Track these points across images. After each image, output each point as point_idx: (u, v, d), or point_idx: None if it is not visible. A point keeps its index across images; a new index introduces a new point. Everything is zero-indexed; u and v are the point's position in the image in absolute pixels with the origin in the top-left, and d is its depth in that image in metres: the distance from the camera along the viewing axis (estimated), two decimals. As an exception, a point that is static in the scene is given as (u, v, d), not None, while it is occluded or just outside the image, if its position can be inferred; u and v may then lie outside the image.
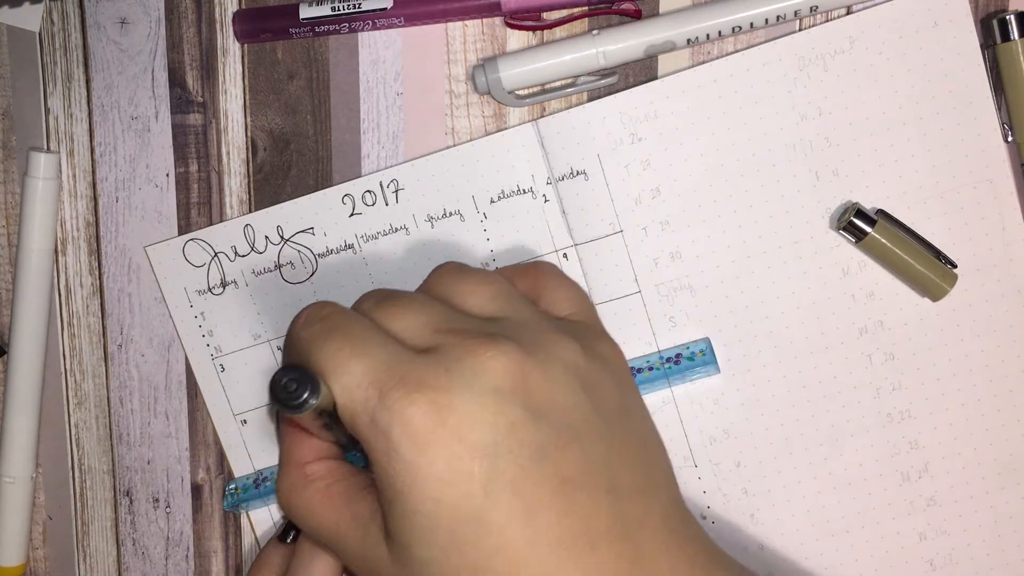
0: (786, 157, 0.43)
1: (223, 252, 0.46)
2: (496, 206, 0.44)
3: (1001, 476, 0.43)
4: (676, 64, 0.43)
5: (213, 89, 0.45)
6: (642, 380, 0.43)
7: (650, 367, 0.43)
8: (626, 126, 0.43)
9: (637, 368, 0.44)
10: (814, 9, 0.41)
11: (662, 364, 0.43)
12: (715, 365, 0.43)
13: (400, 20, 0.43)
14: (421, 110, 0.45)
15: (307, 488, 0.38)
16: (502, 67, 0.43)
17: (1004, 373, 0.43)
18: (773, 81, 0.42)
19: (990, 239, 0.42)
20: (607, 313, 0.44)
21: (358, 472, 0.39)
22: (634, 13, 0.43)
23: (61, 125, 0.46)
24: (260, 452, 0.47)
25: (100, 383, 0.48)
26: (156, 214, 0.46)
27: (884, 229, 0.41)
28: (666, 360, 0.43)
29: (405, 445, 0.31)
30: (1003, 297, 0.43)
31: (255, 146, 0.46)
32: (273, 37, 0.44)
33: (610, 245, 0.44)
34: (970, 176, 0.42)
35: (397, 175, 0.44)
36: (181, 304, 0.46)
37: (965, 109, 0.42)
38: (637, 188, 0.43)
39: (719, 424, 0.44)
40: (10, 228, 0.47)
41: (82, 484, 0.49)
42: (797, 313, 0.43)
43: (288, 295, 0.46)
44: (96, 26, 0.45)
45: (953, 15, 0.41)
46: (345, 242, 0.45)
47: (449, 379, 0.32)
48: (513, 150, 0.44)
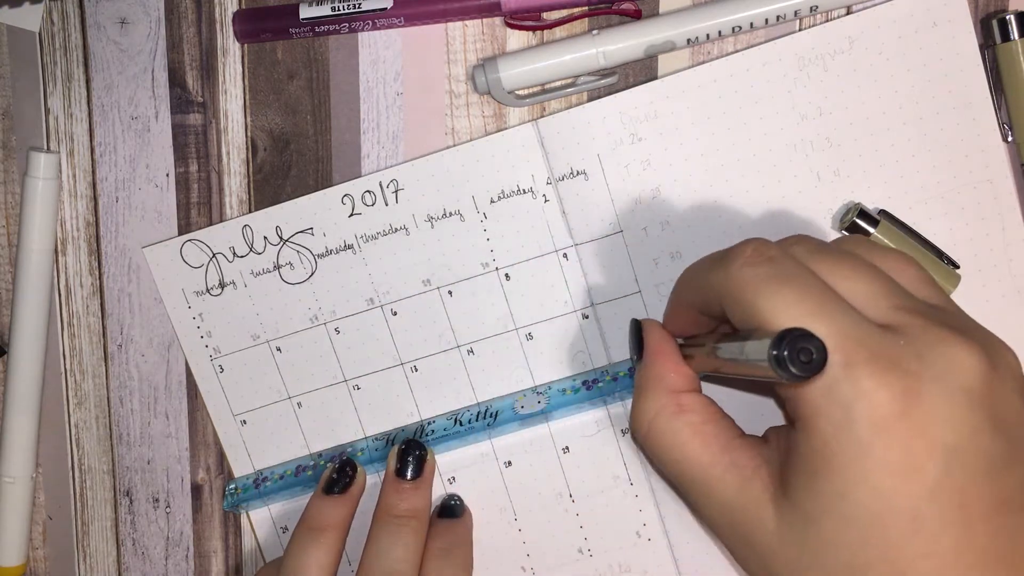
0: (787, 157, 0.43)
1: (221, 253, 0.46)
2: (496, 206, 0.44)
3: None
4: (676, 64, 0.43)
5: (213, 89, 0.45)
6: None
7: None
8: (626, 126, 0.43)
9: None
10: (814, 9, 0.41)
11: None
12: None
13: (400, 20, 0.43)
14: (421, 110, 0.45)
15: (678, 418, 0.36)
16: (502, 67, 0.43)
17: (1004, 373, 0.43)
18: (773, 81, 0.42)
19: (990, 239, 0.42)
20: (607, 314, 0.44)
21: (729, 418, 0.36)
22: (634, 13, 0.43)
23: (61, 125, 0.46)
24: (260, 452, 0.47)
25: (100, 383, 0.48)
26: (156, 214, 0.46)
27: (887, 230, 0.41)
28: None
29: (864, 425, 0.29)
30: (1003, 297, 0.43)
31: (255, 146, 0.46)
32: (273, 37, 0.44)
33: (610, 245, 0.44)
34: (970, 176, 0.42)
35: (397, 175, 0.44)
36: (179, 305, 0.46)
37: (965, 109, 0.42)
38: (637, 188, 0.43)
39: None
40: (10, 228, 0.47)
41: (82, 484, 0.49)
42: (797, 313, 0.43)
43: (287, 296, 0.46)
44: (96, 26, 0.45)
45: (952, 15, 0.41)
46: (344, 242, 0.45)
47: (921, 366, 0.30)
48: (513, 150, 0.44)
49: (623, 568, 0.45)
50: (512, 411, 0.44)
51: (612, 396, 0.44)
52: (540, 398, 0.44)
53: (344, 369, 0.46)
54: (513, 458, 0.46)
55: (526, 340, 0.45)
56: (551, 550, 0.46)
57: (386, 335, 0.45)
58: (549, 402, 0.44)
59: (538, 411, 0.44)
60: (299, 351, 0.46)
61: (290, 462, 0.47)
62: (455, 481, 0.46)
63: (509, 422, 0.44)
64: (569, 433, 0.45)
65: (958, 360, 0.30)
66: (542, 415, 0.44)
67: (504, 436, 0.45)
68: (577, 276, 0.44)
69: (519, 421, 0.44)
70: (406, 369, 0.46)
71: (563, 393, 0.44)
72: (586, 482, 0.45)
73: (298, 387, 0.46)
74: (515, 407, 0.44)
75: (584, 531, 0.45)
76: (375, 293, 0.45)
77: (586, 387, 0.44)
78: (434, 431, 0.45)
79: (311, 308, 0.46)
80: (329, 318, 0.45)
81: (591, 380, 0.44)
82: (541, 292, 0.44)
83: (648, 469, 0.45)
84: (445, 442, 0.45)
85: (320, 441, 0.46)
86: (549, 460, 0.45)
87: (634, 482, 0.45)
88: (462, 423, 0.45)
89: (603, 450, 0.45)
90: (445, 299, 0.45)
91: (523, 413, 0.44)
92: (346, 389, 0.46)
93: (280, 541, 0.47)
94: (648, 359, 0.38)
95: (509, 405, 0.45)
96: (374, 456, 0.45)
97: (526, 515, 0.46)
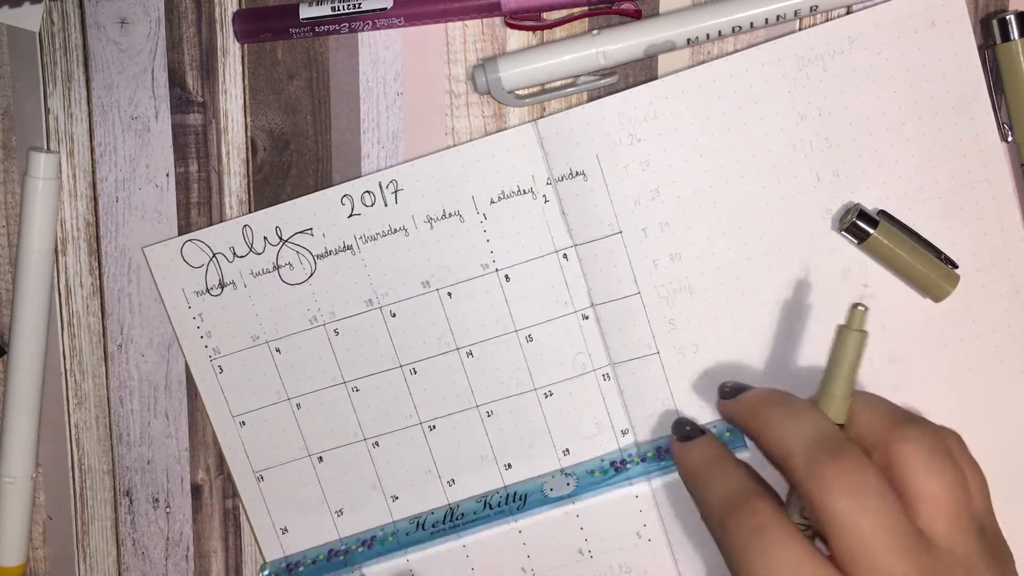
0: (786, 158, 0.43)
1: (221, 253, 0.46)
2: (496, 206, 0.44)
3: (1000, 475, 0.43)
4: (676, 64, 0.43)
5: (213, 89, 0.45)
6: (671, 462, 0.43)
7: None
8: (625, 126, 0.43)
9: (665, 448, 0.44)
10: (814, 9, 0.41)
11: None
12: (744, 446, 0.43)
13: (400, 20, 0.43)
14: (421, 110, 0.45)
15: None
16: (502, 67, 0.42)
17: (1003, 373, 0.43)
18: (773, 81, 0.42)
19: (989, 239, 0.42)
20: (607, 315, 0.44)
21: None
22: (634, 13, 0.43)
23: (61, 125, 0.46)
24: (258, 453, 0.47)
25: (100, 383, 0.48)
26: (156, 214, 0.46)
27: (887, 230, 0.41)
28: None
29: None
30: (1002, 297, 0.42)
31: (255, 146, 0.46)
32: (273, 37, 0.44)
33: (609, 246, 0.44)
34: (968, 176, 0.42)
35: (396, 175, 0.44)
36: (179, 305, 0.46)
37: (963, 109, 0.42)
38: (636, 189, 0.43)
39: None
40: (10, 228, 0.47)
41: (82, 484, 0.49)
42: (797, 315, 0.43)
43: (286, 296, 0.46)
44: (96, 26, 0.45)
45: (951, 15, 0.41)
46: (344, 243, 0.45)
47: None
48: (513, 150, 0.44)
49: (623, 569, 0.45)
50: (541, 494, 0.45)
51: (639, 477, 0.44)
52: (569, 480, 0.45)
53: (343, 371, 0.46)
54: (513, 461, 0.46)
55: (526, 342, 0.45)
56: (551, 551, 0.46)
57: (385, 337, 0.45)
58: (578, 484, 0.44)
59: (567, 494, 0.44)
60: (298, 352, 0.46)
61: (322, 546, 0.47)
62: (455, 483, 0.46)
63: (538, 505, 0.45)
64: (569, 437, 0.45)
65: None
66: (570, 497, 0.45)
67: (501, 435, 0.45)
68: (577, 277, 0.44)
69: (548, 503, 0.45)
70: (405, 371, 0.46)
71: (591, 475, 0.44)
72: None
73: (297, 388, 0.46)
74: (544, 490, 0.45)
75: (584, 532, 0.45)
76: (374, 294, 0.45)
77: (615, 468, 0.44)
78: (463, 515, 0.45)
79: (310, 309, 0.46)
80: (328, 319, 0.45)
81: (619, 461, 0.44)
82: (541, 293, 0.44)
83: (648, 469, 0.45)
84: (474, 526, 0.45)
85: (319, 443, 0.46)
86: (549, 462, 0.45)
87: (634, 483, 0.45)
88: (491, 506, 0.45)
89: (604, 451, 0.45)
90: (444, 300, 0.45)
91: (552, 496, 0.44)
92: (345, 391, 0.46)
93: (280, 541, 0.47)
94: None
95: (538, 488, 0.45)
96: (404, 541, 0.46)
97: (526, 518, 0.46)
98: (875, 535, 0.33)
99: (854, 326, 0.38)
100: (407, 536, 0.46)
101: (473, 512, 0.45)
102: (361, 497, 0.47)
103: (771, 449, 0.37)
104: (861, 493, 0.34)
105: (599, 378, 0.44)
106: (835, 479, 0.34)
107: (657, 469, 0.44)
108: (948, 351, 0.43)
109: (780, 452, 0.36)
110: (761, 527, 0.35)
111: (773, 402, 0.38)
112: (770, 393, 0.39)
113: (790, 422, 0.37)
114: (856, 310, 0.38)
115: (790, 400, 0.38)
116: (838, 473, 0.34)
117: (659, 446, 0.44)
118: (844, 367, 0.38)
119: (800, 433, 0.36)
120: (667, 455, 0.44)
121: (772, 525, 0.35)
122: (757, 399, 0.39)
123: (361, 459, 0.46)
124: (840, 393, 0.38)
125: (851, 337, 0.38)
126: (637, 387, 0.44)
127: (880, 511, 0.33)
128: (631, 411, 0.44)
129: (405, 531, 0.46)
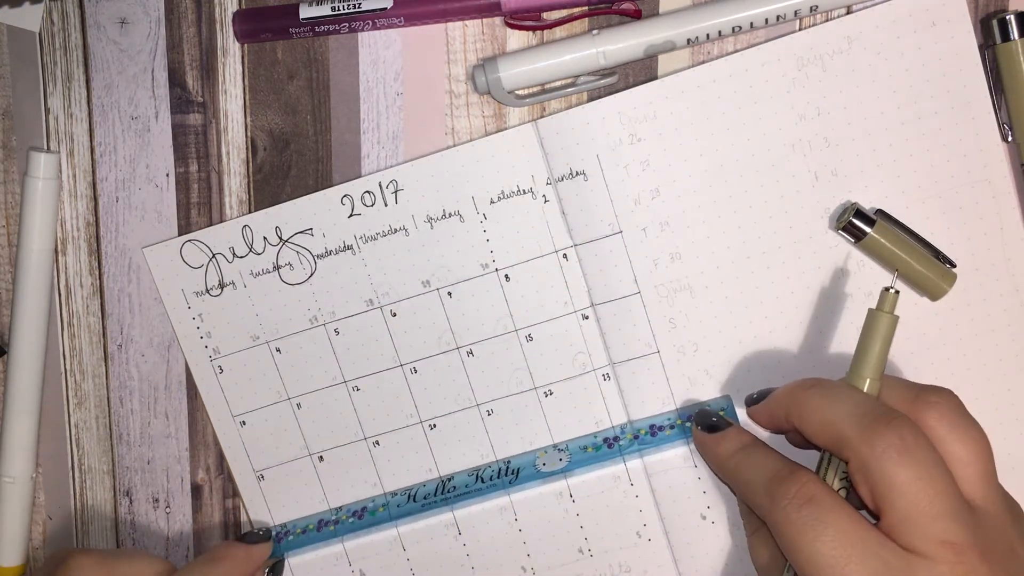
0: (785, 157, 0.43)
1: (221, 253, 0.46)
2: (496, 206, 0.44)
3: (1000, 475, 0.43)
4: (676, 64, 0.43)
5: (213, 89, 0.45)
6: (663, 439, 0.44)
7: (671, 425, 0.44)
8: (625, 126, 0.43)
9: (658, 426, 0.44)
10: (814, 9, 0.41)
11: (683, 423, 0.44)
12: (737, 423, 0.43)
13: (400, 20, 0.43)
14: (421, 110, 0.45)
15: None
16: (502, 67, 0.43)
17: (1002, 372, 0.43)
18: (772, 81, 0.42)
19: (988, 239, 0.42)
20: (607, 315, 0.44)
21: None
22: (634, 13, 0.43)
23: (61, 125, 0.46)
24: (259, 453, 0.47)
25: (100, 383, 0.48)
26: (156, 214, 0.46)
27: (883, 229, 0.41)
28: (687, 419, 0.44)
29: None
30: (1001, 296, 0.43)
31: (255, 146, 0.46)
32: (273, 37, 0.44)
33: (610, 246, 0.44)
34: (968, 176, 0.42)
35: (396, 176, 0.44)
36: (179, 305, 0.46)
37: (963, 109, 0.42)
38: (636, 189, 0.43)
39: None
40: (10, 228, 0.47)
41: (82, 484, 0.49)
42: (796, 313, 0.43)
43: (286, 296, 0.46)
44: (96, 26, 0.45)
45: (951, 15, 0.41)
46: (344, 243, 0.45)
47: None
48: (513, 150, 0.44)
49: (623, 568, 0.45)
50: (534, 468, 0.45)
51: (632, 454, 0.44)
52: (562, 455, 0.45)
53: (343, 370, 0.46)
54: (513, 459, 0.46)
55: (526, 341, 0.45)
56: (551, 550, 0.46)
57: (385, 336, 0.45)
58: (571, 459, 0.44)
59: (559, 469, 0.44)
60: (298, 352, 0.46)
61: (312, 516, 0.47)
62: (454, 481, 0.46)
63: (531, 479, 0.45)
64: (569, 436, 0.45)
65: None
66: (563, 473, 0.45)
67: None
68: (577, 277, 0.44)
69: (540, 478, 0.45)
70: (405, 370, 0.46)
71: (584, 451, 0.44)
72: (586, 482, 0.45)
73: (297, 388, 0.46)
74: (537, 464, 0.45)
75: (584, 531, 0.45)
76: (374, 294, 0.45)
77: (607, 445, 0.44)
78: (455, 487, 0.45)
79: (310, 309, 0.46)
80: (328, 319, 0.45)
81: (612, 438, 0.44)
82: (541, 293, 0.44)
83: (648, 469, 0.45)
84: (466, 498, 0.45)
85: (320, 442, 0.46)
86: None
87: (634, 482, 0.45)
88: (483, 480, 0.45)
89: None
90: (445, 300, 0.45)
91: (545, 471, 0.44)
92: (345, 390, 0.46)
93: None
94: None
95: (531, 462, 0.45)
96: (395, 513, 0.46)
97: (526, 515, 0.46)
98: (932, 503, 0.34)
99: (885, 309, 0.38)
100: (398, 508, 0.46)
101: (465, 485, 0.45)
102: (361, 496, 0.47)
103: (819, 430, 0.37)
104: (919, 462, 0.34)
105: (599, 378, 0.45)
106: (893, 448, 0.35)
107: (651, 445, 0.44)
108: (947, 350, 0.43)
109: (830, 431, 0.36)
110: (811, 497, 0.35)
111: (810, 386, 0.38)
112: (803, 380, 0.39)
113: (834, 401, 0.37)
114: (888, 293, 0.39)
115: (826, 381, 0.39)
116: (894, 441, 0.35)
117: (653, 423, 0.44)
118: (874, 350, 0.38)
119: (847, 408, 0.36)
120: (659, 432, 0.44)
121: (820, 495, 0.35)
122: (793, 387, 0.39)
123: (362, 458, 0.46)
124: (870, 375, 0.38)
125: (882, 320, 0.38)
126: (637, 386, 0.44)
127: (935, 479, 0.34)
128: (631, 410, 0.44)
129: (396, 503, 0.46)
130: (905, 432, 0.35)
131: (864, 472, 0.35)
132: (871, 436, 0.35)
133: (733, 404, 0.43)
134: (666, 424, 0.44)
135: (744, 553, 0.44)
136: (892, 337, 0.38)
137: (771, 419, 0.41)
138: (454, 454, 0.46)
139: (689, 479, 0.44)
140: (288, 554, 0.47)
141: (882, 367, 0.38)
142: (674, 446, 0.44)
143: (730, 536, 0.44)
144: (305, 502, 0.47)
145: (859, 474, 0.35)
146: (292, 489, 0.47)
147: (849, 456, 0.36)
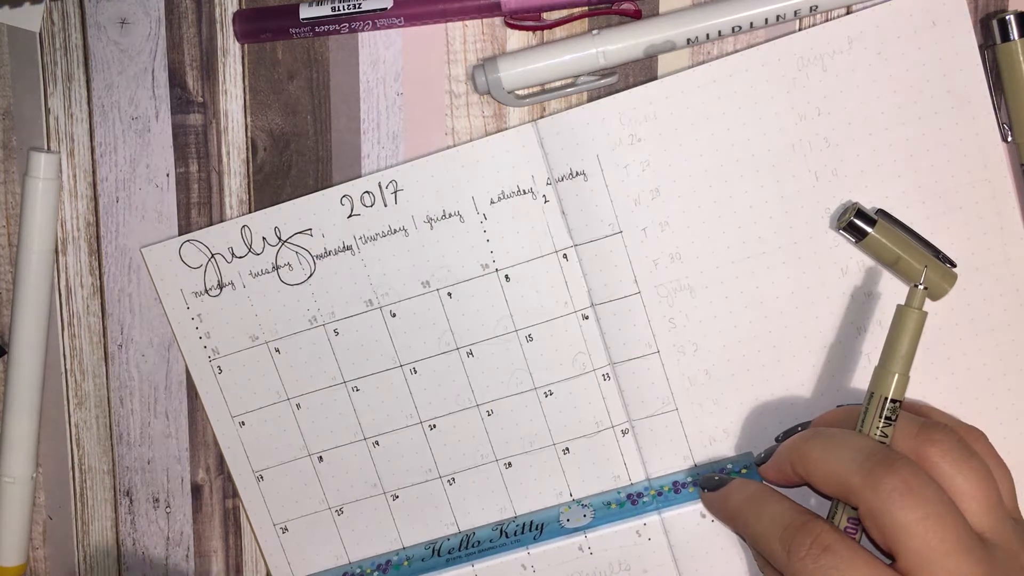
0: (785, 157, 0.43)
1: (220, 253, 0.46)
2: (496, 207, 0.44)
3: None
4: (676, 64, 0.43)
5: (213, 89, 0.45)
6: (686, 497, 0.44)
7: (694, 483, 0.44)
8: (625, 127, 0.43)
9: (681, 483, 0.44)
10: (814, 9, 0.41)
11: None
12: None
13: (400, 20, 0.43)
14: (421, 110, 0.45)
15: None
16: (502, 67, 0.43)
17: (1002, 372, 0.43)
18: (772, 81, 0.42)
19: (988, 239, 0.42)
20: (607, 315, 0.44)
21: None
22: (634, 13, 0.43)
23: (61, 125, 0.46)
24: (258, 453, 0.47)
25: (100, 383, 0.48)
26: (156, 214, 0.46)
27: (884, 229, 0.41)
28: (695, 483, 0.44)
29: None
30: (1001, 296, 0.43)
31: (255, 146, 0.46)
32: (273, 37, 0.44)
33: (609, 246, 0.44)
34: (968, 176, 0.42)
35: (396, 176, 0.44)
36: (178, 306, 0.46)
37: (963, 109, 0.42)
38: (636, 189, 0.43)
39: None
40: (10, 228, 0.47)
41: (82, 484, 0.49)
42: (796, 313, 0.43)
43: (286, 297, 0.46)
44: (96, 26, 0.45)
45: (951, 15, 0.41)
46: (343, 243, 0.45)
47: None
48: (513, 150, 0.44)
49: (623, 567, 0.45)
50: (558, 524, 0.45)
51: (654, 511, 0.44)
52: (586, 512, 0.45)
53: (343, 371, 0.46)
54: (513, 459, 0.46)
55: (526, 341, 0.45)
56: (552, 549, 0.46)
57: (385, 337, 0.45)
58: (595, 516, 0.45)
59: (583, 525, 0.45)
60: (298, 352, 0.46)
61: (336, 569, 0.47)
62: (455, 482, 0.46)
63: (555, 536, 0.45)
64: (569, 436, 0.45)
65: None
66: (586, 529, 0.45)
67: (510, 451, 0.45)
68: (577, 277, 0.44)
69: (564, 534, 0.45)
70: (405, 371, 0.46)
71: (608, 507, 0.45)
72: (586, 482, 0.45)
73: (297, 388, 0.46)
74: (561, 520, 0.45)
75: (584, 531, 0.45)
76: (374, 294, 0.45)
77: (631, 501, 0.44)
78: (479, 542, 0.45)
79: (310, 309, 0.46)
80: (328, 319, 0.45)
81: (635, 495, 0.44)
82: (541, 293, 0.44)
83: (648, 470, 0.45)
84: (489, 554, 0.45)
85: (319, 443, 0.46)
86: (550, 460, 0.45)
87: (634, 483, 0.45)
88: (507, 535, 0.45)
89: (604, 450, 0.45)
90: (444, 300, 0.45)
91: (569, 527, 0.45)
92: (345, 391, 0.46)
93: (280, 541, 0.48)
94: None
95: (554, 518, 0.45)
96: (418, 567, 0.46)
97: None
98: (943, 541, 0.34)
99: (915, 305, 0.39)
100: (422, 562, 0.46)
101: (489, 540, 0.45)
102: (361, 496, 0.47)
103: (824, 481, 0.38)
104: (925, 502, 0.35)
105: (599, 378, 0.45)
106: (897, 492, 0.35)
107: (674, 503, 0.44)
108: (947, 350, 0.43)
109: (835, 480, 0.37)
110: (827, 547, 0.36)
111: (810, 437, 0.39)
112: (804, 432, 0.40)
113: (835, 449, 0.37)
114: (917, 290, 0.39)
115: (825, 430, 0.39)
116: (898, 484, 0.35)
117: (675, 480, 0.44)
118: (903, 345, 0.38)
119: (848, 455, 0.37)
120: (683, 489, 0.44)
121: (836, 544, 0.36)
122: (795, 440, 0.39)
123: (361, 458, 0.46)
124: (899, 370, 0.38)
125: (911, 316, 0.39)
126: (637, 386, 0.44)
127: (943, 516, 0.34)
128: (631, 411, 0.44)
129: (420, 556, 0.46)
130: (907, 474, 0.35)
131: (873, 517, 0.35)
132: (874, 482, 0.35)
133: (753, 461, 0.43)
134: (688, 481, 0.44)
135: (744, 553, 0.44)
136: (920, 333, 0.39)
137: (780, 475, 0.41)
138: (455, 454, 0.46)
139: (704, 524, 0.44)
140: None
141: (910, 363, 0.38)
142: (696, 503, 0.44)
143: (730, 536, 0.44)
144: (326, 555, 0.47)
145: (868, 519, 0.36)
146: (297, 497, 0.47)
147: (857, 503, 0.36)
